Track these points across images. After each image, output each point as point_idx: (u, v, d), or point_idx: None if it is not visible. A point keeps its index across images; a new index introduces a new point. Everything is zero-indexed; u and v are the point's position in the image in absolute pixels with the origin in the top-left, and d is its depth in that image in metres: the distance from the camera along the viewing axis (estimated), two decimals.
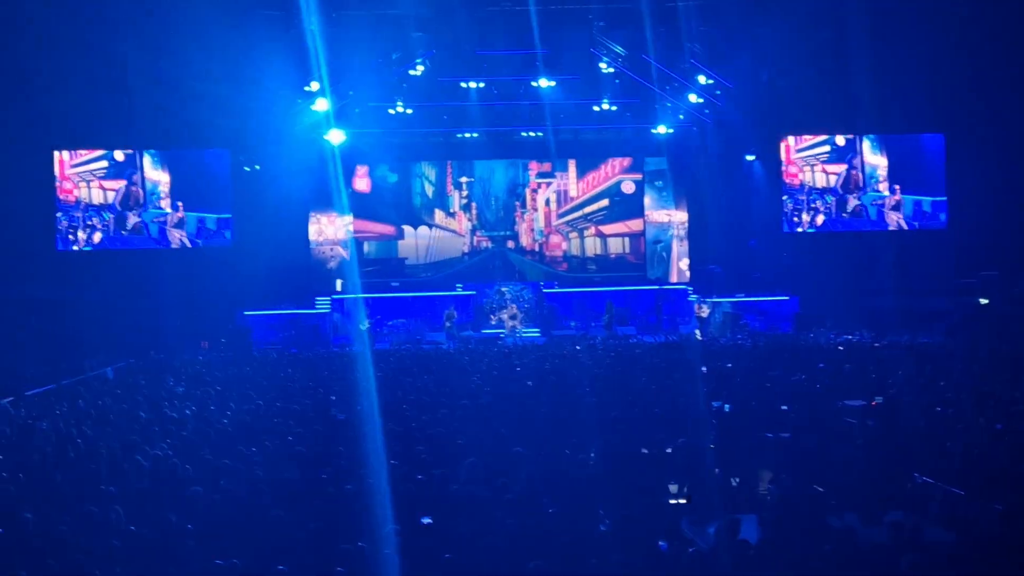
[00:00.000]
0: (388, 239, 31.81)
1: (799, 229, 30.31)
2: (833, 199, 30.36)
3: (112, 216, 29.33)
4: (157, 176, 29.51)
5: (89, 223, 29.22)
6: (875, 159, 30.36)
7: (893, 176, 30.35)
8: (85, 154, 29.31)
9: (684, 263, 31.89)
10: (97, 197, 29.35)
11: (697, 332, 27.77)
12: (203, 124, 28.54)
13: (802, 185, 30.29)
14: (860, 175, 30.35)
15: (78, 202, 29.22)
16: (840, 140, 30.40)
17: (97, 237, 29.31)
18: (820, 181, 30.39)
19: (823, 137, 30.34)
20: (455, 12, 27.75)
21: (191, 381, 19.65)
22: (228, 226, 29.62)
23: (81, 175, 29.27)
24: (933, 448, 12.38)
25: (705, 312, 28.53)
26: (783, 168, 30.32)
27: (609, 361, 21.21)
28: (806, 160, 30.31)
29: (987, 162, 28.93)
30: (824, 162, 30.37)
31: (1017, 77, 27.24)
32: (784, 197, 30.33)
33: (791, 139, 30.32)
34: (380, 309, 29.89)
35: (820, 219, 30.38)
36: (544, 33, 28.45)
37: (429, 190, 32.00)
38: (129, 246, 29.45)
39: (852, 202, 30.42)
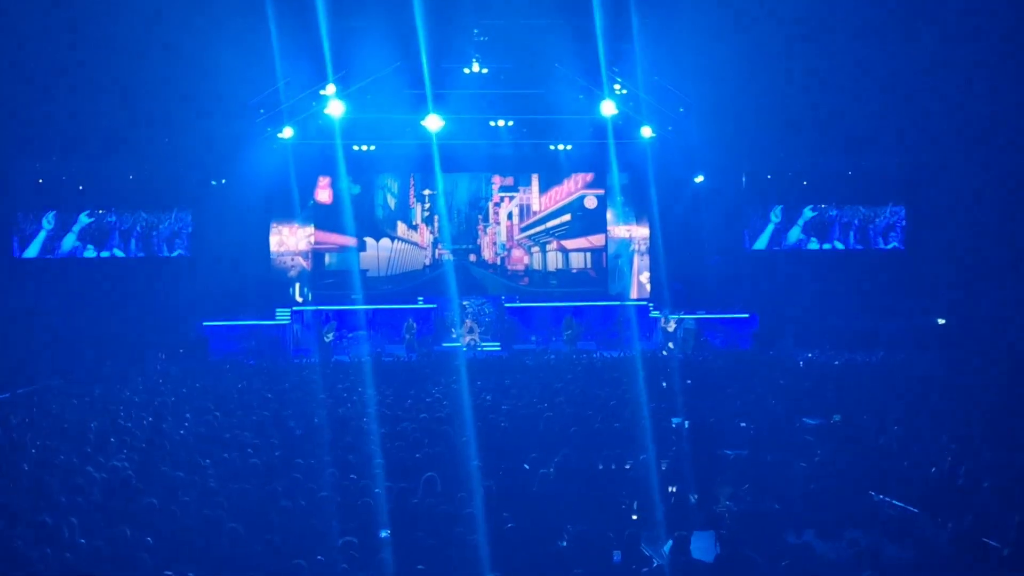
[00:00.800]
0: (349, 251, 31.65)
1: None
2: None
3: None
4: None
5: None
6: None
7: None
8: None
9: (645, 278, 31.93)
10: None
11: (670, 344, 27.84)
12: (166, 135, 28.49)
13: None
14: None
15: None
16: None
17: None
18: None
19: None
20: (423, 26, 27.77)
21: (148, 392, 19.50)
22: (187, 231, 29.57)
23: None
24: (890, 466, 12.46)
25: (672, 327, 28.57)
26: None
27: (569, 376, 21.21)
28: None
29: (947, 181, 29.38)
30: None
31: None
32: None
33: None
34: (340, 321, 29.78)
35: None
36: (508, 50, 28.62)
37: (392, 202, 31.89)
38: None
39: None
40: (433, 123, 28.16)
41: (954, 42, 26.63)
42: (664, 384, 19.03)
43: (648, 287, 31.74)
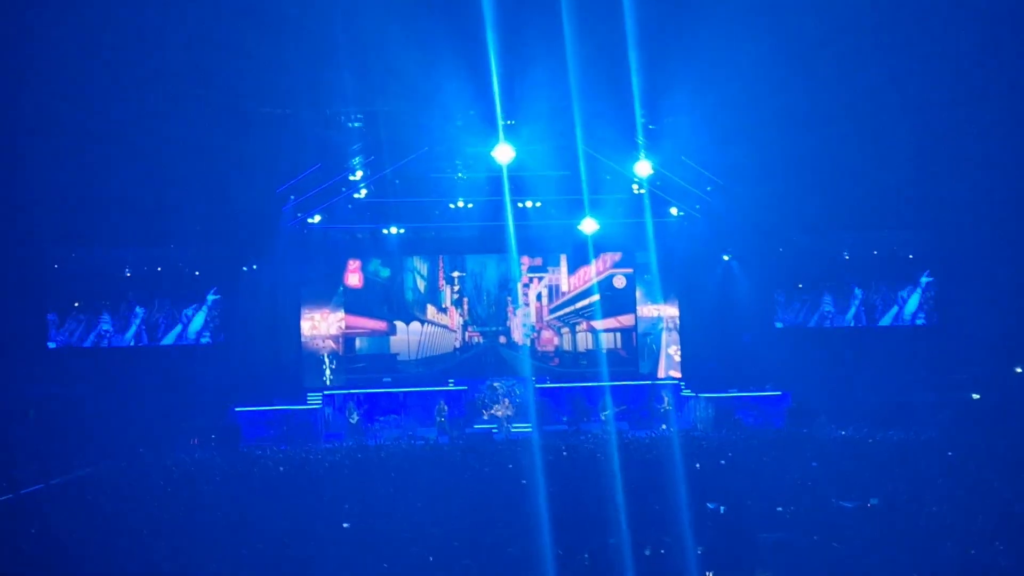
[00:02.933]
0: (380, 335, 31.80)
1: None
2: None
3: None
4: None
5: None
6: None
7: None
8: None
9: (675, 356, 31.87)
10: None
11: (663, 426, 27.72)
12: (197, 221, 28.80)
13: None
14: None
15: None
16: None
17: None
18: None
19: None
20: (441, 110, 28.13)
21: (180, 481, 19.49)
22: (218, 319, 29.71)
23: None
24: (930, 548, 12.29)
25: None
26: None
27: (602, 456, 21.07)
28: None
29: (976, 257, 29.28)
30: None
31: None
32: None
33: None
34: (372, 405, 29.81)
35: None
36: (537, 132, 28.89)
37: (421, 285, 32.07)
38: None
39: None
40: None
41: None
42: (698, 466, 18.85)
43: (679, 373, 31.68)
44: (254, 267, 30.66)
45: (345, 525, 13.67)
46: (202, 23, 23.98)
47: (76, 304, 29.54)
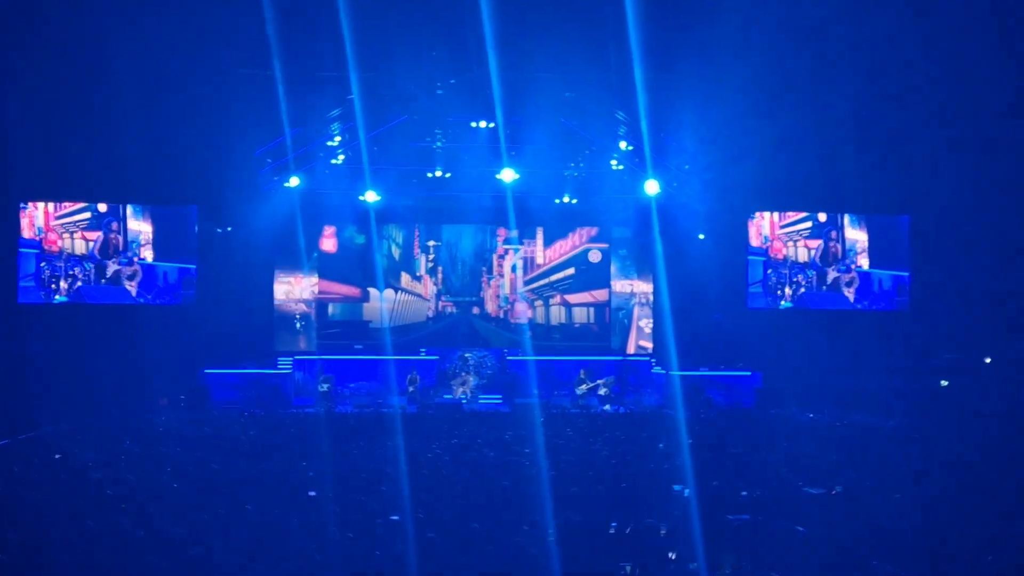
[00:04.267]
0: (353, 301, 31.72)
1: (783, 303, 30.50)
2: (814, 273, 30.60)
3: (92, 266, 29.06)
4: (139, 227, 29.26)
5: (71, 273, 28.95)
6: (855, 234, 30.63)
7: (873, 252, 30.61)
8: (69, 206, 29.02)
9: (646, 332, 31.92)
10: (80, 248, 29.08)
11: (605, 407, 27.73)
12: (175, 180, 28.55)
13: (785, 259, 30.51)
14: (839, 247, 30.63)
15: (60, 252, 28.90)
16: (822, 217, 30.68)
17: (76, 287, 29.03)
18: (802, 256, 30.63)
19: (804, 214, 30.59)
20: (426, 79, 28.01)
21: (147, 441, 19.43)
22: (192, 280, 29.40)
23: (65, 226, 28.98)
24: (894, 535, 12.37)
25: (605, 391, 28.50)
26: (768, 243, 30.52)
27: (570, 432, 21.14)
28: (789, 236, 30.55)
29: (952, 244, 29.40)
30: (805, 238, 30.61)
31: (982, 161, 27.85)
32: (769, 271, 30.53)
33: (775, 215, 30.54)
34: (343, 371, 29.78)
35: (801, 291, 30.58)
36: (514, 104, 28.78)
37: (396, 253, 31.98)
38: (106, 298, 29.12)
39: (831, 274, 30.67)
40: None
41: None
42: (661, 445, 18.92)
43: (650, 344, 31.75)
44: (228, 229, 30.49)
45: (311, 493, 13.66)
46: None
47: (69, 255, 29.13)
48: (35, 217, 28.83)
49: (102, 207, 29.09)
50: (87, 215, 29.07)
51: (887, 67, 27.12)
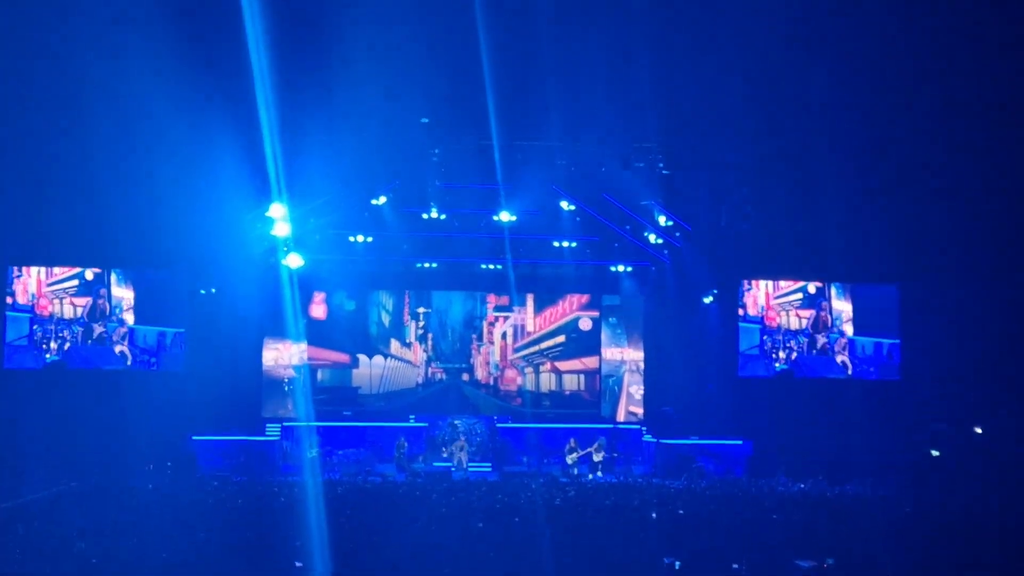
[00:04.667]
0: (342, 367, 31.63)
1: (777, 365, 30.50)
2: (805, 339, 30.67)
3: (81, 329, 29.08)
4: (125, 292, 29.31)
5: (60, 335, 28.97)
6: (844, 303, 30.73)
7: (863, 320, 30.68)
8: (60, 272, 29.11)
9: (635, 401, 31.82)
10: (69, 312, 29.24)
11: (590, 475, 27.57)
12: (162, 244, 28.59)
13: (779, 327, 30.58)
14: (828, 316, 30.75)
15: (51, 316, 29.01)
16: (811, 288, 30.81)
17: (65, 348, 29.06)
18: (794, 324, 30.76)
19: (797, 284, 30.69)
20: (419, 145, 28.21)
21: (133, 509, 19.25)
22: (180, 343, 29.32)
23: (55, 292, 29.06)
24: None
25: (599, 456, 28.39)
26: (764, 312, 30.60)
27: (559, 502, 20.99)
28: (782, 305, 30.64)
29: (941, 313, 29.45)
30: (797, 307, 30.71)
31: (975, 229, 28.04)
32: (764, 337, 30.59)
33: (768, 284, 30.63)
34: (331, 438, 29.58)
35: (794, 356, 30.60)
36: (507, 169, 29.00)
37: (386, 319, 31.94)
38: (95, 362, 29.14)
39: (820, 340, 30.76)
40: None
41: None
42: (654, 515, 18.81)
43: (640, 410, 31.66)
44: (213, 290, 30.38)
45: (298, 564, 13.53)
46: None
47: (59, 319, 29.11)
48: (28, 284, 28.92)
49: (90, 273, 29.14)
50: (75, 282, 29.09)
51: (880, 137, 27.41)
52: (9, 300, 28.94)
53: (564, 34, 24.82)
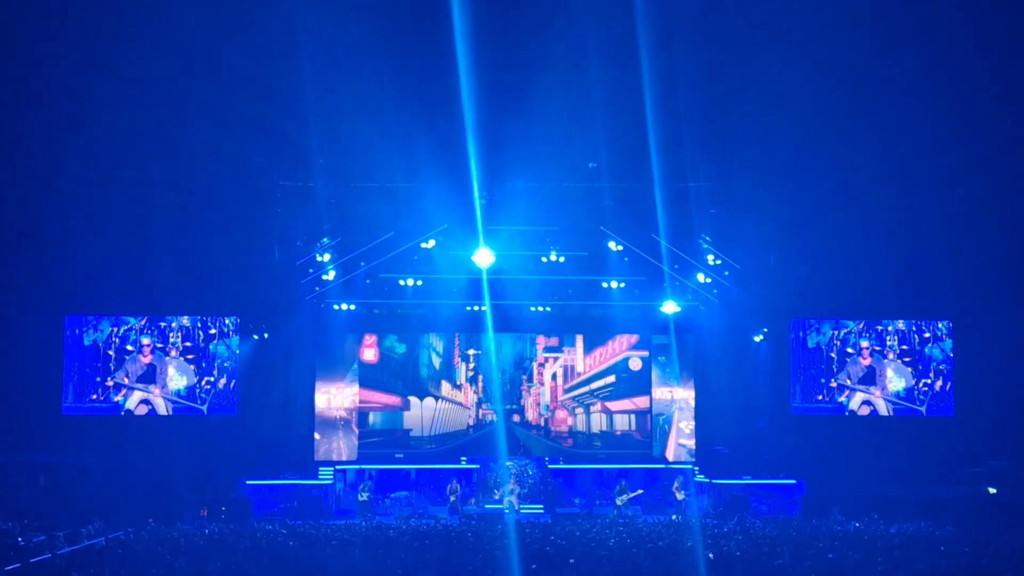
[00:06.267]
0: (394, 410, 31.77)
1: (839, 399, 30.37)
2: (859, 378, 30.45)
3: (137, 376, 29.38)
4: (181, 338, 29.62)
5: (116, 382, 29.23)
6: (898, 341, 30.52)
7: (916, 357, 30.48)
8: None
9: (685, 439, 31.68)
10: (128, 358, 29.48)
11: (674, 516, 27.44)
12: (215, 291, 28.97)
13: (833, 364, 30.39)
14: (883, 353, 30.48)
15: (109, 362, 29.30)
16: (861, 325, 30.63)
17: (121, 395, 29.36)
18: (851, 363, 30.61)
19: (855, 323, 30.55)
20: (468, 188, 28.43)
21: (188, 554, 19.37)
22: (234, 390, 29.55)
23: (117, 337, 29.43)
24: None
25: (681, 495, 28.33)
26: (860, 351, 30.38)
27: (613, 542, 20.90)
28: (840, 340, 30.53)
29: (994, 349, 29.18)
30: (852, 344, 30.49)
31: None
32: (822, 380, 30.39)
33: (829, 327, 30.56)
34: (383, 481, 29.69)
35: (846, 396, 30.41)
36: (555, 210, 29.20)
37: (436, 361, 32.07)
38: (146, 409, 29.35)
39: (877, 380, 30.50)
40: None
41: None
42: (711, 556, 18.68)
43: (691, 449, 31.52)
44: (265, 336, 30.65)
45: None
46: (224, 102, 24.58)
47: (89, 370, 29.40)
48: (85, 334, 29.25)
49: (143, 320, 29.40)
50: (134, 326, 29.37)
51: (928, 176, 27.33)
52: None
53: (610, 75, 24.92)
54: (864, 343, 30.44)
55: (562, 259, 30.23)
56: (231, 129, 25.42)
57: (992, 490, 27.97)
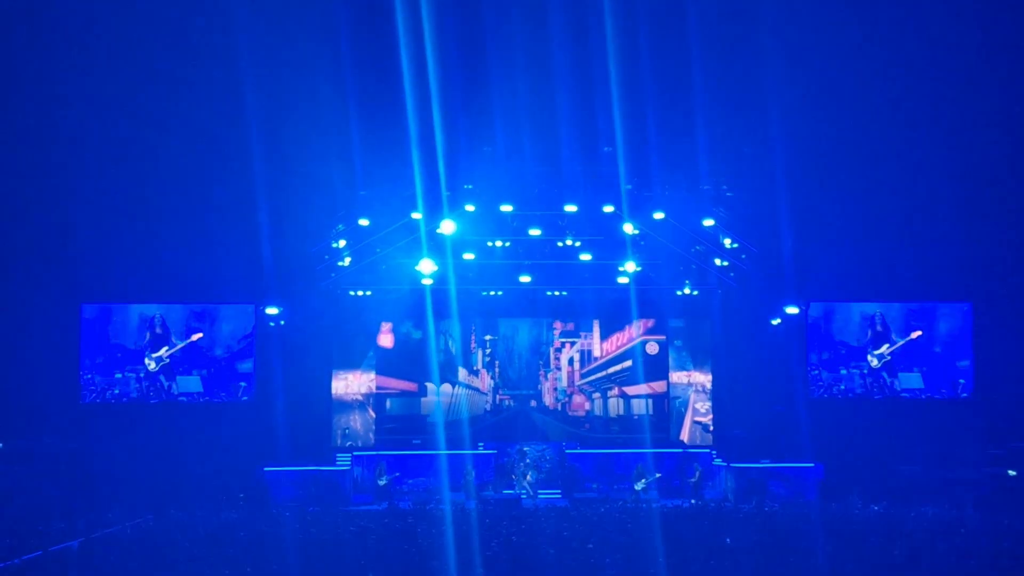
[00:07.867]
0: (411, 396, 31.78)
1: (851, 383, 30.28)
2: (877, 360, 30.30)
3: (153, 363, 29.50)
4: (197, 325, 29.79)
5: (133, 371, 29.46)
6: (918, 322, 30.34)
7: (936, 339, 30.31)
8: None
9: (702, 421, 31.64)
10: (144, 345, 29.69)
11: (692, 500, 27.42)
12: (232, 278, 29.00)
13: (849, 347, 30.30)
14: (902, 335, 30.33)
15: (126, 350, 29.53)
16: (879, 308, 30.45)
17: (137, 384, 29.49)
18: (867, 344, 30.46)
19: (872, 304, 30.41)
20: (483, 172, 28.38)
21: (208, 541, 19.41)
22: (251, 377, 29.60)
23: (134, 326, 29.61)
24: None
25: (698, 479, 28.32)
26: (879, 333, 30.27)
27: (630, 528, 20.87)
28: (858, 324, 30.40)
29: (1015, 330, 29.00)
30: (871, 327, 30.32)
31: None
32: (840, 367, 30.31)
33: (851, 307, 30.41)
34: (401, 466, 29.69)
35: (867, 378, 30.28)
36: (571, 194, 29.15)
37: (453, 347, 32.06)
38: (164, 396, 29.50)
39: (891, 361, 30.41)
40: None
41: None
42: (728, 540, 18.64)
43: (710, 434, 31.48)
44: (282, 323, 30.66)
45: None
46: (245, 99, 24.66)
47: (105, 359, 29.49)
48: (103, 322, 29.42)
49: (161, 308, 29.46)
50: (152, 314, 29.42)
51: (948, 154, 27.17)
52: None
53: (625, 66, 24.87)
54: (881, 326, 30.28)
55: (578, 244, 30.15)
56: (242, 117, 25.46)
57: (1012, 472, 27.82)
